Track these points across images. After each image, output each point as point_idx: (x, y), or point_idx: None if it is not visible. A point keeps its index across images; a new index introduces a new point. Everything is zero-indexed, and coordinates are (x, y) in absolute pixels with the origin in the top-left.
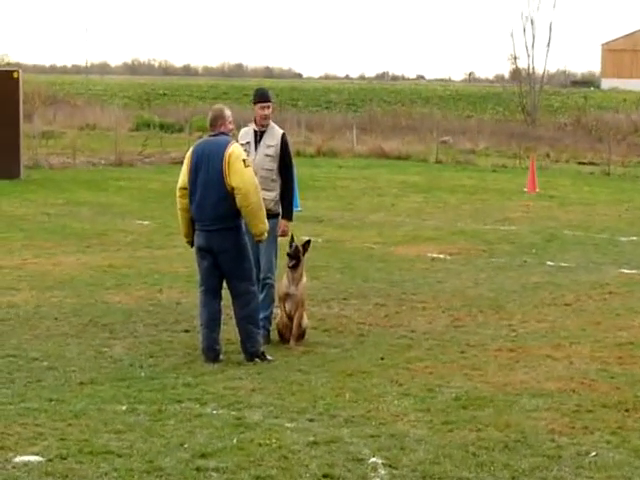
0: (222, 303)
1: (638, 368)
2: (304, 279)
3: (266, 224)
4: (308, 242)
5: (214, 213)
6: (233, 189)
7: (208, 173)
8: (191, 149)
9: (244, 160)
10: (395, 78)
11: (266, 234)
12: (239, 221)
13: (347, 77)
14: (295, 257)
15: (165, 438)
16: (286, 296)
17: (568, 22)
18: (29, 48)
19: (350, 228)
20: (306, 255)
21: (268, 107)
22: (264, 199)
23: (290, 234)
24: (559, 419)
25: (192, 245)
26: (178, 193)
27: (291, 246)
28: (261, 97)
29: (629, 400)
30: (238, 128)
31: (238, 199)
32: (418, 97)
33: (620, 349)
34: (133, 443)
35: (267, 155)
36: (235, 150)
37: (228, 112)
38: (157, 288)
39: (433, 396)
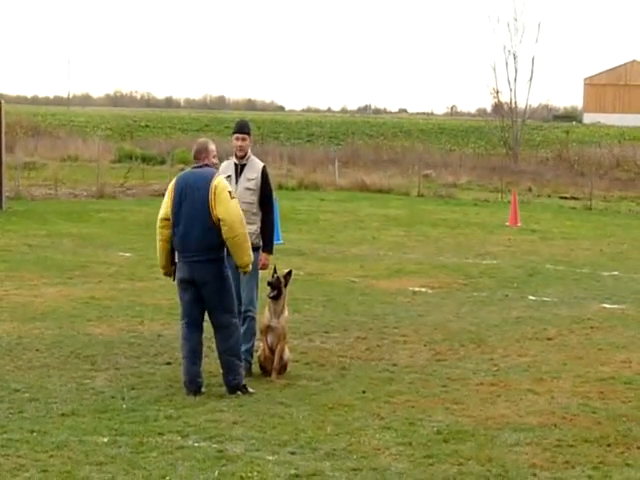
0: (204, 335)
1: (620, 403)
2: (286, 312)
3: (251, 256)
4: (289, 273)
5: (198, 244)
6: (219, 220)
7: (193, 205)
8: (174, 180)
9: (229, 192)
10: (377, 111)
11: (251, 266)
12: (222, 253)
13: (329, 110)
14: (276, 287)
15: (147, 470)
16: (268, 329)
17: (551, 56)
18: (11, 79)
19: (332, 261)
20: (288, 287)
21: (244, 139)
22: None
23: (274, 267)
24: (540, 454)
25: (173, 277)
26: (159, 224)
27: (273, 276)
28: (237, 128)
29: (610, 435)
30: (221, 161)
31: (224, 231)
32: (400, 130)
33: (602, 384)
34: (115, 475)
35: (248, 188)
36: (221, 182)
37: (212, 146)
38: (139, 320)
39: (414, 430)
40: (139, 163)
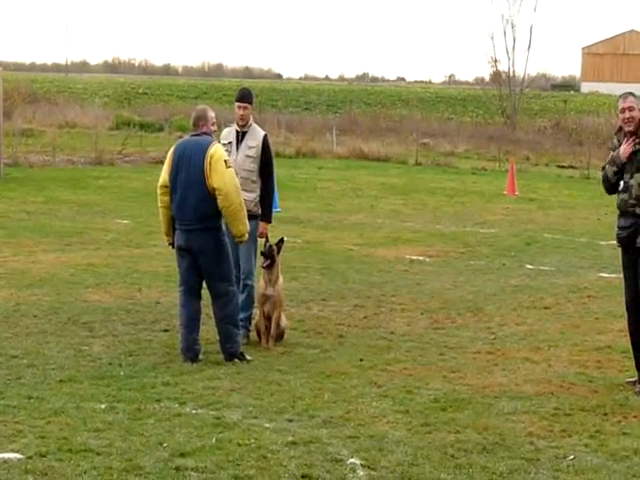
0: (202, 303)
1: (616, 372)
2: (280, 279)
3: (247, 225)
4: (281, 240)
5: (194, 213)
6: (214, 190)
7: (189, 173)
8: (173, 147)
9: (225, 161)
10: (375, 79)
11: (247, 235)
12: (219, 222)
13: (327, 78)
14: (269, 256)
15: (144, 437)
16: (264, 298)
17: (549, 25)
18: (9, 46)
19: (330, 229)
20: (280, 254)
21: (245, 107)
22: (244, 200)
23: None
24: (537, 422)
25: (173, 246)
26: (159, 191)
27: (265, 245)
28: (239, 97)
29: (607, 404)
30: (220, 128)
31: (219, 200)
32: (398, 99)
33: (599, 353)
34: (112, 441)
35: (248, 156)
36: (217, 151)
37: (211, 113)
38: (136, 287)
39: (412, 398)
40: (137, 130)
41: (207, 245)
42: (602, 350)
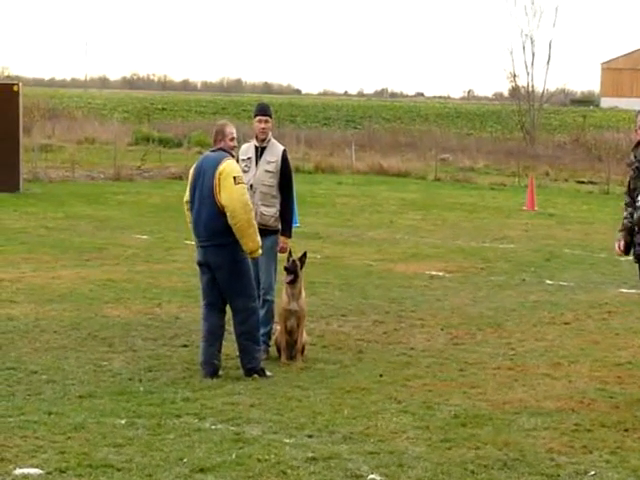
0: (225, 318)
1: (637, 388)
2: (303, 294)
3: (257, 242)
4: (304, 255)
5: (207, 229)
6: (224, 207)
7: (202, 189)
8: (195, 164)
9: (235, 177)
10: (394, 95)
11: (260, 251)
12: (233, 238)
13: (346, 93)
14: (293, 271)
15: (164, 452)
16: (288, 313)
17: (568, 40)
18: (29, 61)
19: (349, 244)
20: (303, 269)
21: (266, 121)
22: (264, 215)
23: (289, 250)
24: (558, 438)
25: None
26: (185, 206)
27: (289, 260)
28: (260, 110)
29: (628, 420)
30: (240, 144)
31: (227, 216)
32: (417, 114)
33: (619, 369)
34: (132, 457)
35: (267, 171)
36: (227, 167)
37: (229, 129)
38: (156, 302)
39: (432, 413)
40: (156, 146)
41: (223, 261)
42: (623, 366)
